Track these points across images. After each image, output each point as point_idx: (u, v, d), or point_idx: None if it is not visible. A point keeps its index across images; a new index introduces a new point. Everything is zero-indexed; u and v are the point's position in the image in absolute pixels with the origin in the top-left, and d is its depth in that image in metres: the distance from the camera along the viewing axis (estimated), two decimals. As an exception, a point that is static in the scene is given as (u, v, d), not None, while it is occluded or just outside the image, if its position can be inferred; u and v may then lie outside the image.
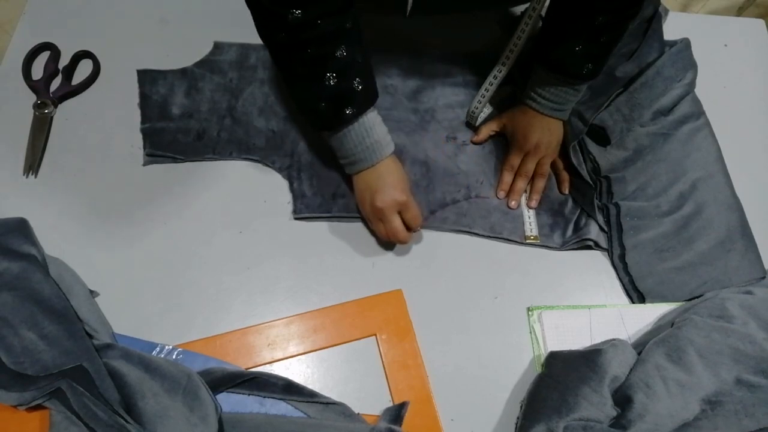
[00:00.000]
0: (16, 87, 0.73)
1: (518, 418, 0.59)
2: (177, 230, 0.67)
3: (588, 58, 0.65)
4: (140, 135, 0.72)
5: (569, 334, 0.64)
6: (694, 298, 0.66)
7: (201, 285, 0.64)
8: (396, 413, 0.57)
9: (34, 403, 0.53)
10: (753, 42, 0.91)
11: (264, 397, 0.58)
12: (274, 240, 0.68)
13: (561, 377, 0.57)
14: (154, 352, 0.59)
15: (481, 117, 0.76)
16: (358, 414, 0.58)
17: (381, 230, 0.65)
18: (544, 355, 0.62)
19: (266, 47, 0.61)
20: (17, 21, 0.78)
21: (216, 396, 0.56)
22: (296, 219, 0.69)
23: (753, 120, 0.83)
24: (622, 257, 0.69)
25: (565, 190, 0.74)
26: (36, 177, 0.69)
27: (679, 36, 0.77)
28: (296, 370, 0.61)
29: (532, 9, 0.69)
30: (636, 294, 0.67)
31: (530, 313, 0.66)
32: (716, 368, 0.57)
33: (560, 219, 0.72)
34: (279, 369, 0.61)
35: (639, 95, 0.73)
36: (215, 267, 0.66)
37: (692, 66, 0.76)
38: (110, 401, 0.52)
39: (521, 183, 0.73)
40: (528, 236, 0.71)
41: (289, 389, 0.57)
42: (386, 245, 0.69)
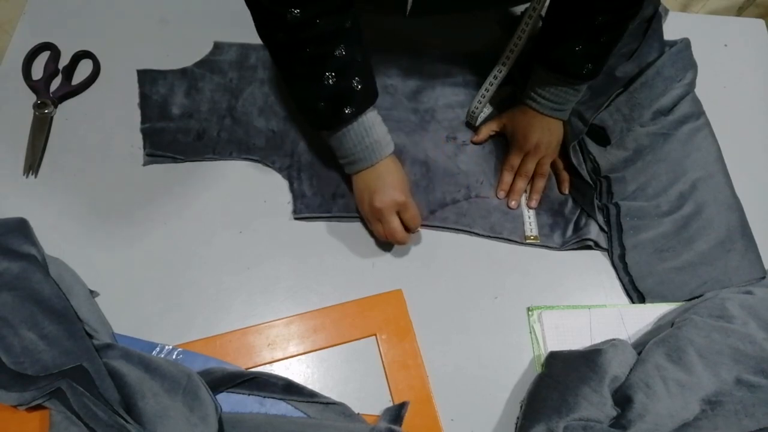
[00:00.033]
0: (16, 87, 0.73)
1: (518, 418, 0.59)
2: (177, 230, 0.67)
3: (588, 58, 0.65)
4: (140, 135, 0.72)
5: (569, 334, 0.64)
6: (694, 298, 0.66)
7: (201, 285, 0.64)
8: (396, 413, 0.57)
9: (34, 403, 0.53)
10: (753, 42, 0.91)
11: (264, 397, 0.58)
12: (274, 240, 0.68)
13: (561, 377, 0.57)
14: (154, 352, 0.59)
15: (481, 117, 0.76)
16: (358, 414, 0.58)
17: (379, 230, 0.65)
18: (544, 355, 0.62)
19: (266, 47, 0.61)
20: (17, 21, 0.78)
21: (216, 396, 0.56)
22: (296, 219, 0.69)
23: (753, 120, 0.83)
24: (622, 257, 0.69)
25: (565, 190, 0.74)
26: (36, 177, 0.69)
27: (679, 36, 0.77)
28: (296, 370, 0.61)
29: (532, 9, 0.69)
30: (636, 294, 0.67)
31: (530, 313, 0.66)
32: (716, 368, 0.57)
33: (560, 219, 0.72)
34: (279, 369, 0.61)
35: (639, 95, 0.73)
36: (215, 267, 0.66)
37: (692, 66, 0.76)
38: (110, 401, 0.52)
39: (521, 183, 0.73)
40: (528, 236, 0.71)
41: (289, 389, 0.57)
42: (386, 245, 0.69)
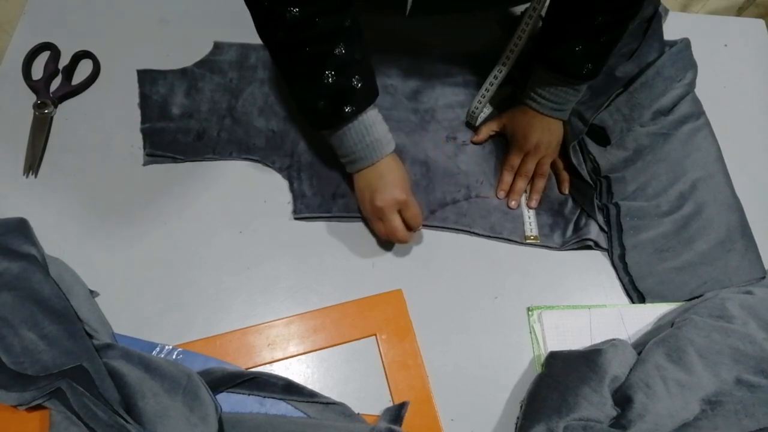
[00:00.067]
0: (16, 87, 0.73)
1: (518, 418, 0.59)
2: (177, 230, 0.67)
3: (588, 58, 0.65)
4: (140, 135, 0.72)
5: (569, 334, 0.64)
6: (694, 298, 0.66)
7: (201, 285, 0.64)
8: (396, 413, 0.57)
9: (34, 403, 0.53)
10: (753, 42, 0.91)
11: (264, 397, 0.58)
12: (274, 240, 0.68)
13: (561, 377, 0.57)
14: (154, 352, 0.59)
15: (481, 117, 0.76)
16: (358, 414, 0.58)
17: (380, 229, 0.65)
18: (544, 355, 0.62)
19: (265, 47, 0.61)
20: (17, 21, 0.78)
21: (216, 396, 0.56)
22: (296, 219, 0.69)
23: (753, 120, 0.83)
24: (622, 257, 0.69)
25: (565, 190, 0.74)
26: (36, 177, 0.69)
27: (679, 36, 0.77)
28: (296, 370, 0.61)
29: (532, 9, 0.69)
30: (636, 294, 0.67)
31: (530, 313, 0.66)
32: (716, 368, 0.57)
33: (560, 219, 0.72)
34: (279, 369, 0.61)
35: (639, 95, 0.73)
36: (215, 267, 0.66)
37: (692, 66, 0.76)
38: (110, 401, 0.52)
39: (521, 183, 0.73)
40: (528, 236, 0.71)
41: (289, 389, 0.57)
42: (386, 245, 0.69)
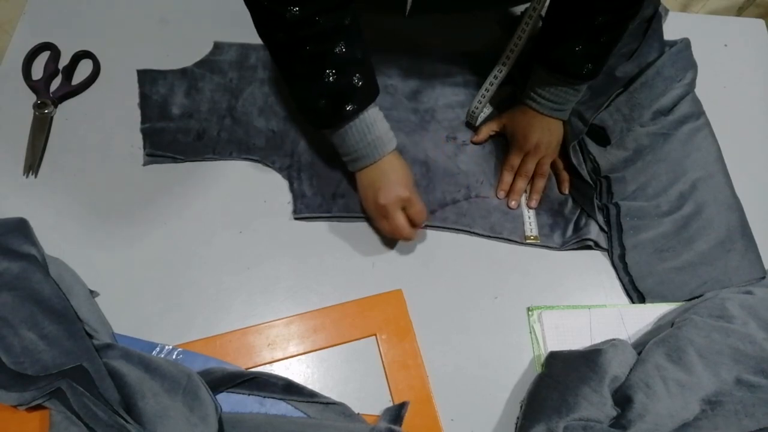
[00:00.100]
0: (16, 87, 0.73)
1: (518, 418, 0.59)
2: (177, 230, 0.67)
3: (588, 58, 0.65)
4: (140, 135, 0.72)
5: (569, 334, 0.64)
6: (694, 298, 0.66)
7: (201, 285, 0.64)
8: (396, 413, 0.57)
9: (34, 403, 0.53)
10: (753, 42, 0.91)
11: (264, 397, 0.58)
12: (274, 240, 0.68)
13: (561, 377, 0.57)
14: (154, 352, 0.59)
15: (481, 117, 0.76)
16: (358, 414, 0.58)
17: (385, 227, 0.65)
18: (544, 355, 0.62)
19: (265, 46, 0.61)
20: (17, 21, 0.78)
21: (216, 396, 0.56)
22: (296, 219, 0.69)
23: (753, 120, 0.83)
24: (622, 257, 0.69)
25: (565, 190, 0.74)
26: (36, 177, 0.69)
27: (679, 36, 0.77)
28: (296, 370, 0.61)
29: (532, 9, 0.69)
30: (636, 294, 0.67)
31: (530, 313, 0.66)
32: (716, 368, 0.57)
33: (560, 219, 0.72)
34: (279, 369, 0.61)
35: (639, 95, 0.73)
36: (215, 267, 0.66)
37: (692, 66, 0.76)
38: (110, 401, 0.52)
39: (521, 183, 0.73)
40: (528, 236, 0.71)
41: (289, 389, 0.57)
42: (386, 245, 0.69)
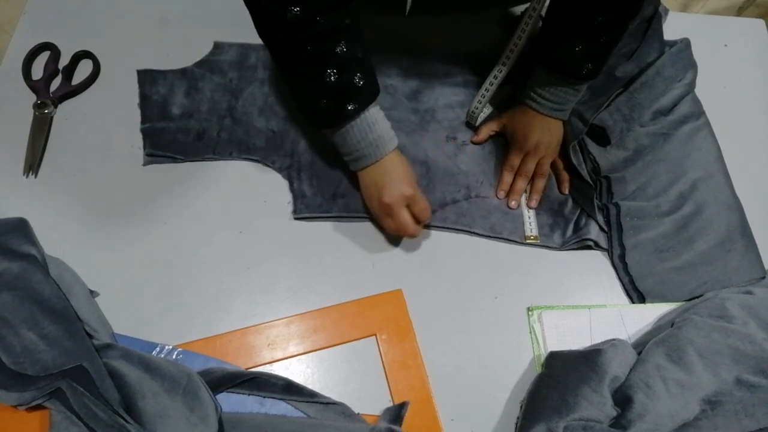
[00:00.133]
0: (16, 87, 0.73)
1: (518, 418, 0.59)
2: (177, 230, 0.67)
3: (588, 58, 0.65)
4: (140, 135, 0.72)
5: (569, 334, 0.64)
6: (694, 298, 0.66)
7: (201, 285, 0.64)
8: (396, 413, 0.57)
9: (34, 403, 0.53)
10: (753, 42, 0.91)
11: (264, 397, 0.58)
12: (274, 240, 0.68)
13: (561, 377, 0.57)
14: (154, 352, 0.59)
15: (481, 117, 0.76)
16: (358, 414, 0.58)
17: (390, 225, 0.65)
18: (544, 355, 0.62)
19: (266, 47, 0.61)
20: (17, 21, 0.78)
21: (216, 396, 0.56)
22: (296, 219, 0.69)
23: (753, 120, 0.83)
24: (622, 257, 0.69)
25: (565, 190, 0.74)
26: (36, 177, 0.69)
27: (679, 36, 0.77)
28: (296, 370, 0.61)
29: (532, 9, 0.69)
30: (636, 294, 0.67)
31: (530, 313, 0.66)
32: (716, 368, 0.57)
33: (560, 219, 0.72)
34: (279, 369, 0.61)
35: (639, 95, 0.73)
36: (215, 267, 0.66)
37: (692, 66, 0.76)
38: (110, 401, 0.52)
39: (521, 183, 0.73)
40: (528, 236, 0.71)
41: (289, 389, 0.57)
42: (387, 245, 0.69)
